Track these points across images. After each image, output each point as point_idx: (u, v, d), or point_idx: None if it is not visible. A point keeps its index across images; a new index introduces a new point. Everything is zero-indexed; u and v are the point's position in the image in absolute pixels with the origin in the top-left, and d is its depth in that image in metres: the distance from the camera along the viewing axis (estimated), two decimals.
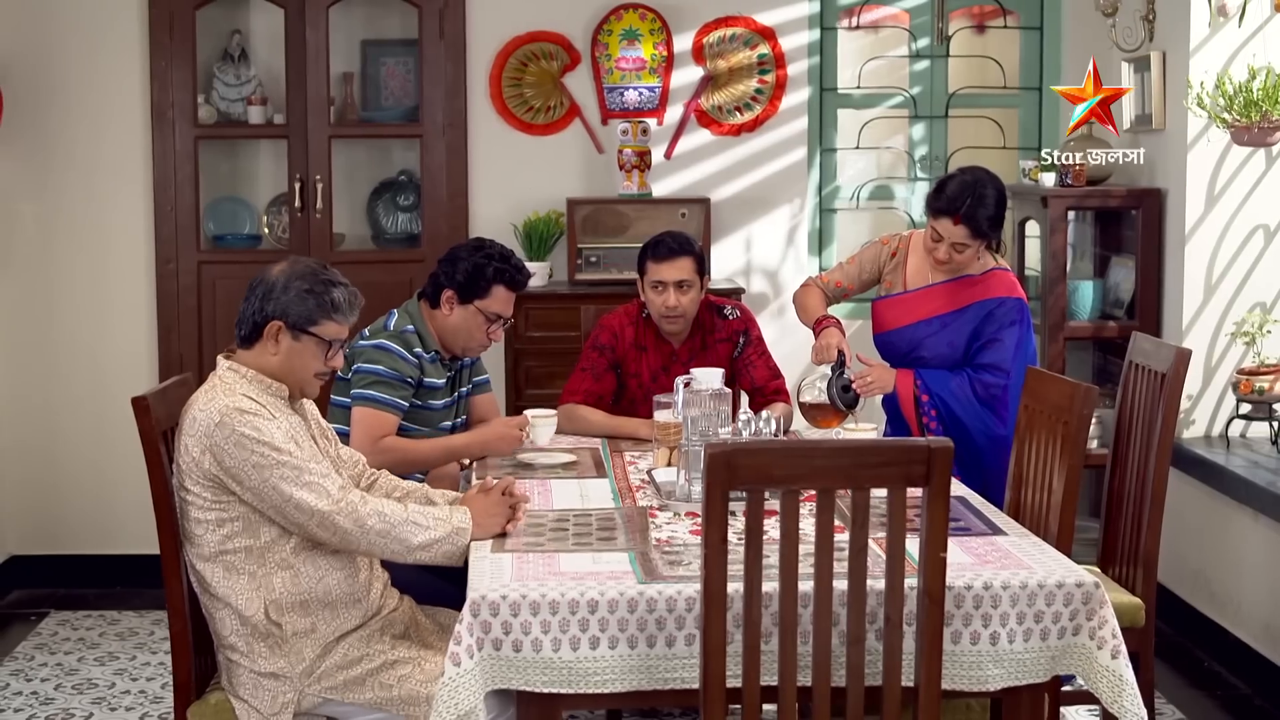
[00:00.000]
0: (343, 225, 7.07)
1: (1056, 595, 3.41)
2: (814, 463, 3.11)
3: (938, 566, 3.16)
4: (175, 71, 6.79)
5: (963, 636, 3.39)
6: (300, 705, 3.69)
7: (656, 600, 3.35)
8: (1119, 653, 3.41)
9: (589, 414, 5.13)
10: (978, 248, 4.98)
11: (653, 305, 5.17)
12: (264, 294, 3.77)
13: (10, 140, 6.76)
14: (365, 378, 4.66)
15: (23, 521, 6.95)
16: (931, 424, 4.96)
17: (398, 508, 3.73)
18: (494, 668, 3.34)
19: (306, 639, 3.70)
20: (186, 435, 3.67)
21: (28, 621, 6.45)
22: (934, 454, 3.09)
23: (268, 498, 3.63)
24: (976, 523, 3.93)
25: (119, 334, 6.91)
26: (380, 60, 7.11)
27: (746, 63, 6.93)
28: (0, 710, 5.40)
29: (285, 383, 3.81)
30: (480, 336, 4.80)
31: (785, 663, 3.19)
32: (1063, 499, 4.11)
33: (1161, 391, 4.51)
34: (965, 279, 5.09)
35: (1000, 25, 7.15)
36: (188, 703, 3.78)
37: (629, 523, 3.96)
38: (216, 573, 3.69)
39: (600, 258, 6.66)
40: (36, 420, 6.91)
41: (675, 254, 5.13)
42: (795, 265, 7.01)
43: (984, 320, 5.02)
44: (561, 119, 6.94)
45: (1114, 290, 6.52)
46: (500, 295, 4.77)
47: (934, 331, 5.09)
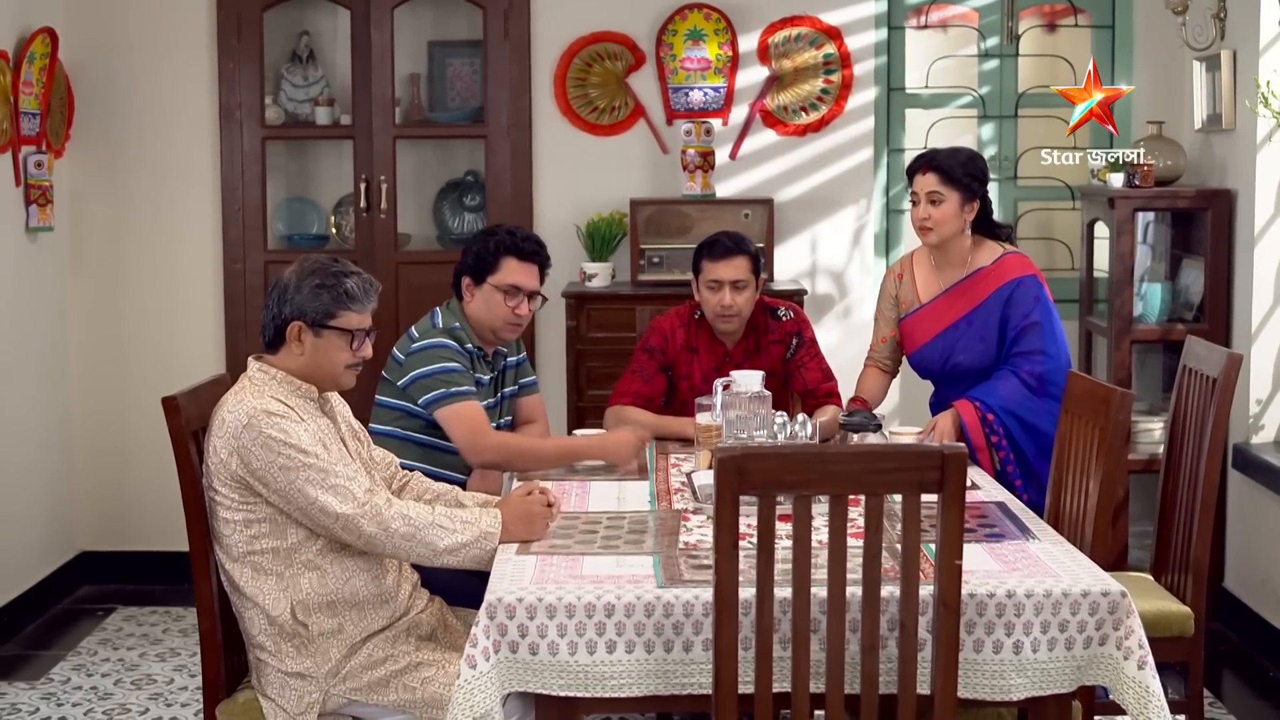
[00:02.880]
0: (409, 225, 7.10)
1: (1082, 604, 3.35)
2: (825, 468, 3.07)
3: (953, 574, 3.11)
4: (243, 73, 6.85)
5: (985, 645, 3.34)
6: (325, 705, 3.71)
7: (674, 605, 3.33)
8: (1145, 663, 3.34)
9: (636, 414, 5.11)
10: (959, 204, 4.94)
11: (707, 304, 5.14)
12: (279, 297, 3.79)
13: (81, 143, 6.86)
14: (432, 381, 4.60)
15: (93, 518, 7.04)
16: (999, 440, 4.82)
17: (424, 511, 3.73)
18: (511, 670, 3.34)
19: (333, 639, 3.72)
20: (215, 436, 3.70)
21: (95, 617, 6.53)
22: (947, 459, 3.04)
23: (293, 500, 3.64)
24: (1011, 528, 3.88)
25: (187, 333, 6.99)
26: (447, 61, 7.14)
27: (812, 63, 6.88)
28: (59, 704, 5.47)
29: (316, 380, 3.83)
30: (504, 313, 4.72)
31: (799, 669, 3.15)
32: (1098, 505, 4.04)
33: (1213, 396, 4.43)
34: (977, 273, 5.01)
35: (1071, 24, 7.05)
36: (217, 700, 3.80)
37: (660, 526, 3.94)
38: (245, 573, 3.71)
39: (663, 258, 6.64)
40: (107, 418, 6.99)
41: (731, 253, 5.09)
42: (861, 267, 6.96)
43: (1007, 305, 4.93)
44: (626, 119, 6.92)
45: (1184, 293, 6.41)
46: (511, 266, 4.72)
47: (961, 334, 5.02)
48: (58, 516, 6.83)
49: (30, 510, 6.53)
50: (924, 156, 5.06)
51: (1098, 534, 4.03)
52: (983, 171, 5.01)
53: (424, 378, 4.62)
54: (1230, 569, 6.21)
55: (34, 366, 6.56)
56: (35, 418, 6.56)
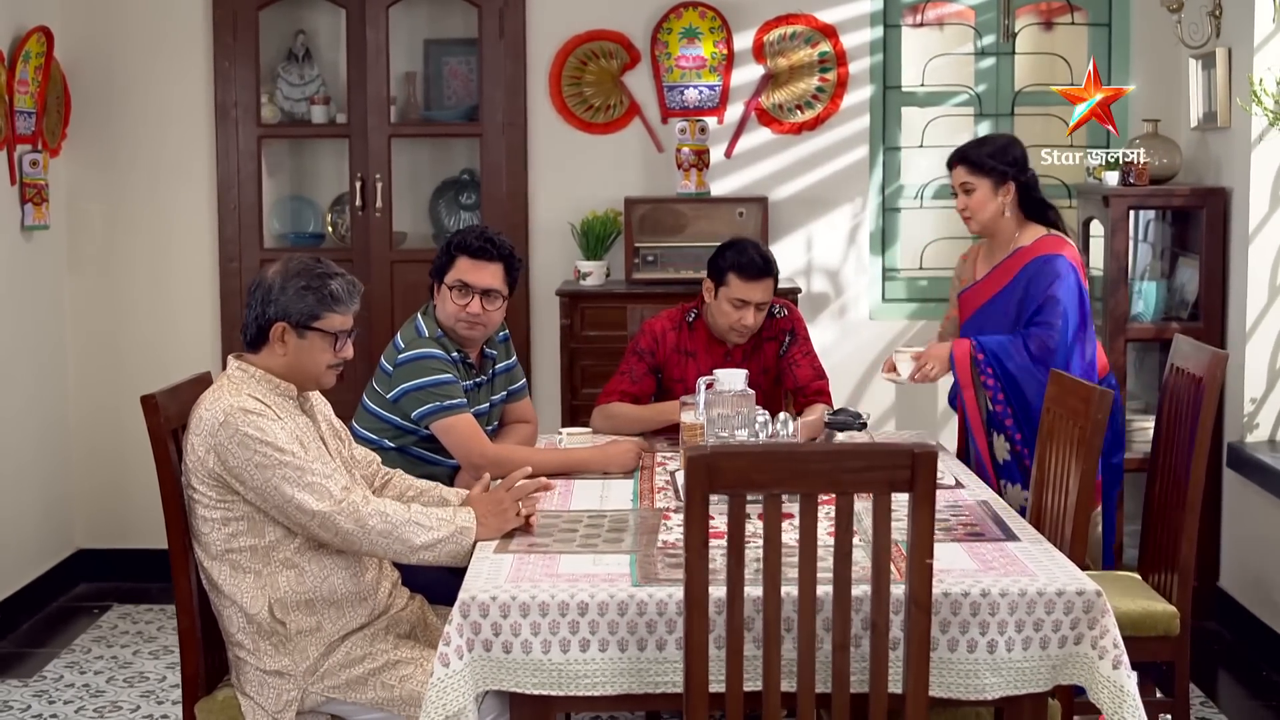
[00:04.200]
0: (406, 224, 7.10)
1: (1057, 603, 3.34)
2: (795, 467, 3.07)
3: (924, 573, 3.10)
4: (238, 71, 6.86)
5: (960, 644, 3.33)
6: (304, 704, 3.71)
7: (647, 603, 3.33)
8: (1120, 663, 3.33)
9: (622, 409, 5.10)
10: (992, 190, 5.08)
11: (725, 317, 5.06)
12: (263, 298, 3.79)
13: (78, 141, 6.87)
14: (424, 394, 4.58)
15: (90, 516, 7.05)
16: (988, 380, 4.96)
17: (400, 508, 3.73)
18: (484, 669, 3.34)
19: (311, 638, 3.71)
20: (193, 434, 3.71)
21: (90, 614, 6.55)
22: (918, 459, 3.04)
23: (270, 498, 3.64)
24: (992, 528, 3.87)
25: (183, 331, 6.99)
26: (443, 59, 7.14)
27: (807, 61, 6.87)
28: (51, 701, 5.48)
29: (297, 380, 3.83)
30: (454, 309, 4.67)
31: (769, 668, 3.15)
32: (1076, 503, 4.03)
33: (1200, 395, 4.42)
34: (1018, 252, 5.11)
35: (1068, 21, 7.03)
36: (196, 698, 3.81)
37: (641, 525, 3.93)
38: (223, 571, 3.72)
39: (657, 257, 6.63)
40: (103, 416, 7.00)
41: (763, 274, 5.04)
42: (857, 264, 6.94)
43: (1031, 280, 5.03)
44: (621, 118, 6.92)
45: (1180, 291, 6.39)
46: (461, 264, 4.68)
47: (995, 306, 5.13)
48: (54, 514, 6.84)
49: (27, 508, 6.55)
50: (955, 151, 5.22)
51: (1076, 532, 4.02)
52: (1016, 158, 5.13)
53: (416, 390, 4.60)
54: (1225, 568, 6.20)
55: (30, 364, 6.57)
56: (31, 415, 6.58)
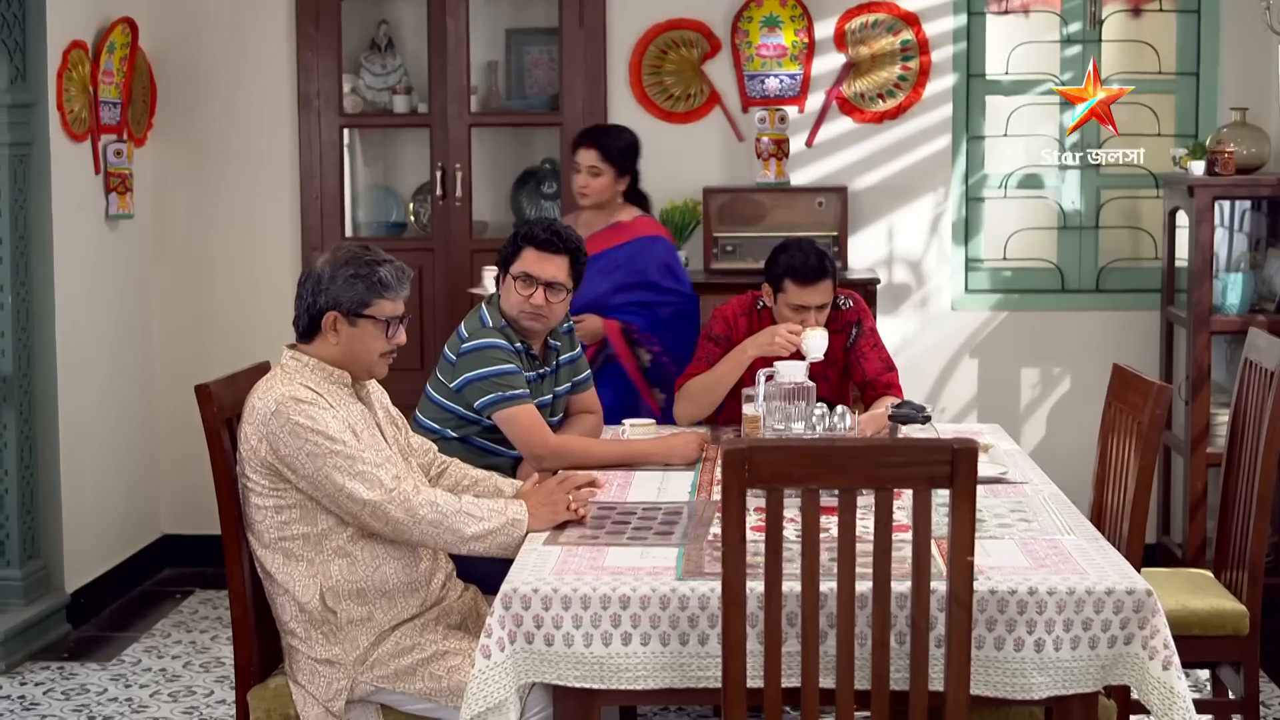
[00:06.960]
0: (487, 213, 7.12)
1: (1106, 602, 3.28)
2: (832, 461, 3.03)
3: (964, 571, 3.06)
4: (321, 61, 6.91)
5: (1006, 642, 3.28)
6: (353, 693, 3.72)
7: (689, 597, 3.31)
8: (1171, 663, 3.27)
9: (694, 381, 5.14)
10: (612, 178, 5.74)
11: (786, 320, 5.03)
12: (313, 288, 3.82)
13: (163, 132, 6.95)
14: (487, 384, 4.57)
15: (176, 501, 7.13)
16: (655, 347, 5.56)
17: (451, 499, 3.74)
18: (525, 661, 3.33)
19: (362, 627, 3.73)
20: (246, 423, 3.74)
21: (172, 599, 6.63)
22: (957, 454, 3.00)
23: (321, 486, 3.66)
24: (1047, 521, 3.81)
25: (268, 320, 7.02)
26: (524, 49, 7.15)
27: (889, 49, 6.81)
28: (127, 685, 5.56)
29: (350, 368, 3.85)
30: (518, 300, 4.64)
31: (808, 665, 3.12)
32: (1134, 500, 3.96)
33: (1272, 389, 4.33)
34: (615, 225, 5.73)
35: (1156, 8, 6.90)
36: (249, 686, 3.83)
37: (694, 518, 3.91)
38: (276, 559, 3.74)
39: (736, 247, 6.60)
40: (188, 403, 6.99)
41: (820, 276, 4.97)
42: (939, 255, 6.87)
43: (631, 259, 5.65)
44: (701, 107, 6.89)
45: (1268, 283, 6.26)
46: (527, 255, 4.65)
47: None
48: (140, 500, 6.94)
49: (113, 493, 6.64)
50: (587, 134, 5.84)
51: (1134, 529, 3.95)
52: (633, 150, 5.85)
53: (479, 380, 4.58)
54: None
55: (115, 351, 6.66)
56: (117, 402, 6.67)
